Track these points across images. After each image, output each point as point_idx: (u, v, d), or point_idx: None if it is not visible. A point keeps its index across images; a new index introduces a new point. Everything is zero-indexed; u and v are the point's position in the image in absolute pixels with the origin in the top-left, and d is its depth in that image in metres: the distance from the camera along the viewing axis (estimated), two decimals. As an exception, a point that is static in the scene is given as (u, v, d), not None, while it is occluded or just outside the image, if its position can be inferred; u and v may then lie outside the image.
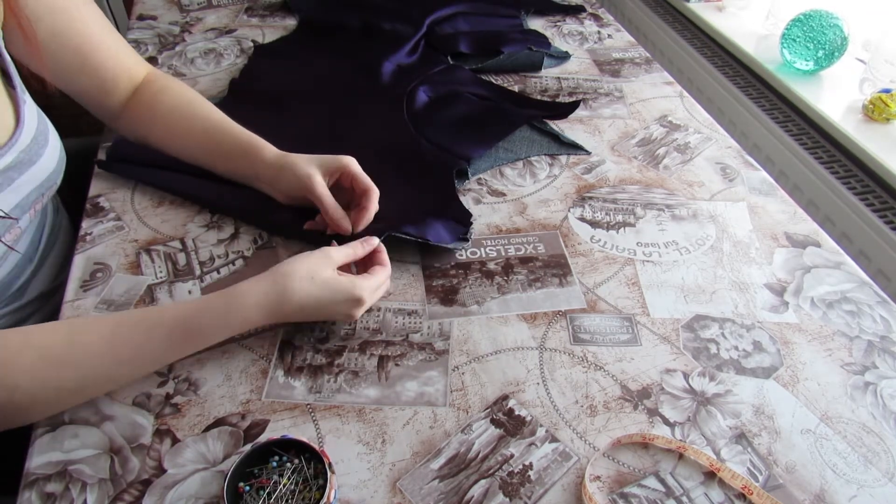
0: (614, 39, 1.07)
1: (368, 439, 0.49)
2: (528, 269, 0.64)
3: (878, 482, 0.47)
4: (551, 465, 0.48)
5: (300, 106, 0.85)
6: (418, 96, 0.86)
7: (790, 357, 0.56)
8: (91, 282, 0.61)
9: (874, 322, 0.60)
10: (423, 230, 0.64)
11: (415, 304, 0.60)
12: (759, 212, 0.72)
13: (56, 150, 0.64)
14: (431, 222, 0.65)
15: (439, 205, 0.70)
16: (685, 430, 0.50)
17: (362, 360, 0.55)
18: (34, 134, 0.61)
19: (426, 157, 0.76)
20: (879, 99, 1.04)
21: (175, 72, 0.94)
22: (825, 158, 1.08)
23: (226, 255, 0.65)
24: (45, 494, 0.45)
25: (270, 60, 0.95)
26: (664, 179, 0.76)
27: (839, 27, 1.10)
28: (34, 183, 0.61)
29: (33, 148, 0.60)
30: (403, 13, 1.06)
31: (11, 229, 0.60)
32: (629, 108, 0.89)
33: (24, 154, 0.59)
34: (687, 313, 0.60)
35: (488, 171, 0.77)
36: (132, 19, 1.11)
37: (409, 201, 0.69)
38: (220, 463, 0.47)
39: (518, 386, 0.53)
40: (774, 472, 0.48)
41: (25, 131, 0.60)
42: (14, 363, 0.45)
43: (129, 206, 0.70)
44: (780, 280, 0.64)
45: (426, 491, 0.46)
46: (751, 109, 1.22)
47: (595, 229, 0.69)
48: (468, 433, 0.50)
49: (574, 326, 0.58)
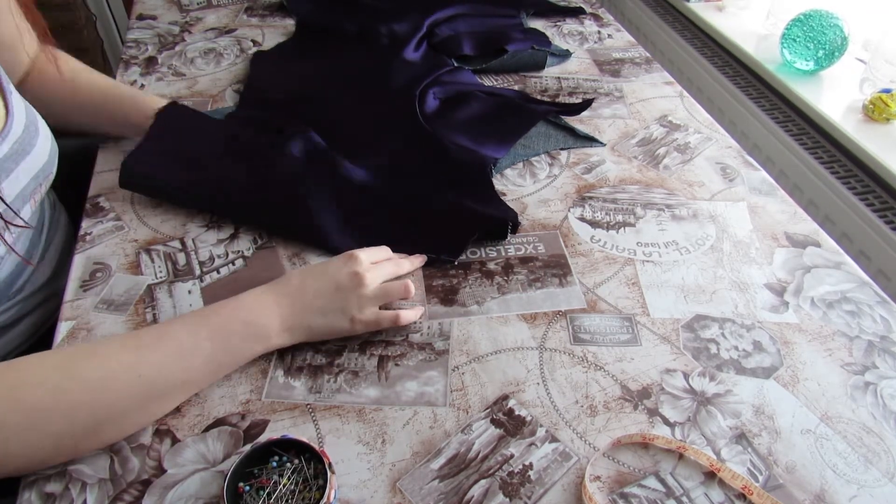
0: (614, 39, 1.07)
1: (368, 439, 0.49)
2: (528, 269, 0.64)
3: (878, 482, 0.47)
4: (551, 465, 0.48)
5: (311, 114, 0.83)
6: (428, 100, 0.85)
7: (790, 357, 0.56)
8: (91, 282, 0.61)
9: (874, 322, 0.60)
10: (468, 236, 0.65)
11: (415, 304, 0.60)
12: (759, 212, 0.72)
13: (48, 140, 0.64)
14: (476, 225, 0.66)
15: (480, 206, 0.69)
16: (685, 430, 0.50)
17: (362, 360, 0.55)
18: (25, 123, 0.60)
19: (453, 158, 0.75)
20: (879, 99, 1.04)
21: (175, 72, 0.94)
22: (825, 158, 1.08)
23: (226, 255, 0.65)
24: (45, 494, 0.45)
25: (272, 67, 0.94)
26: (664, 179, 0.76)
27: (839, 27, 1.10)
28: (31, 173, 0.61)
29: (25, 138, 0.60)
30: (402, 15, 1.06)
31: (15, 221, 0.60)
32: (629, 108, 0.89)
33: (17, 145, 0.59)
34: (687, 313, 0.60)
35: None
36: (132, 19, 1.11)
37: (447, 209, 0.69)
38: (220, 463, 0.47)
39: (518, 386, 0.53)
40: (774, 472, 0.48)
41: (16, 122, 0.59)
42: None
43: (129, 206, 0.70)
44: (780, 280, 0.64)
45: (426, 491, 0.46)
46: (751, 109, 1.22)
47: (595, 229, 0.69)
48: (468, 433, 0.50)
49: (574, 326, 0.58)
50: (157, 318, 0.58)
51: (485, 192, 0.72)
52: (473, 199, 0.70)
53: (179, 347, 0.49)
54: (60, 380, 0.44)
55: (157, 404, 0.49)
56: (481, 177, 0.73)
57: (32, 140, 0.61)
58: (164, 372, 0.48)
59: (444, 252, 0.64)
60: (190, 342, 0.49)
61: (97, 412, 0.45)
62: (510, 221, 0.67)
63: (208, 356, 0.50)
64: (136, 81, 0.92)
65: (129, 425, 0.48)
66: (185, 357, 0.49)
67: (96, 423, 0.45)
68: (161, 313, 0.58)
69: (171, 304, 0.59)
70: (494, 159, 0.76)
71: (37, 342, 0.67)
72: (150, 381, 0.47)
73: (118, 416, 0.46)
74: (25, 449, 0.43)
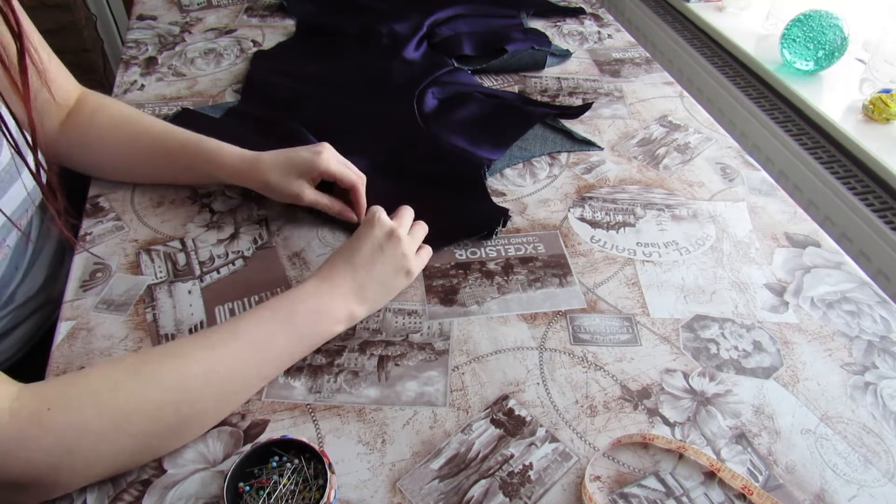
0: (614, 39, 1.07)
1: (368, 439, 0.49)
2: (528, 269, 0.64)
3: (878, 482, 0.47)
4: (551, 465, 0.48)
5: (311, 112, 0.84)
6: (427, 99, 0.86)
7: (790, 357, 0.56)
8: (91, 282, 0.61)
9: (874, 322, 0.60)
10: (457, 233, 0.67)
11: (415, 304, 0.60)
12: (759, 212, 0.72)
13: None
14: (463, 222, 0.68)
15: (470, 205, 0.71)
16: (685, 430, 0.50)
17: (362, 360, 0.55)
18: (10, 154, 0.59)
19: (448, 158, 0.76)
20: (879, 99, 1.04)
21: (175, 72, 0.94)
22: (825, 158, 1.08)
23: (226, 255, 0.65)
24: (45, 494, 0.45)
25: (273, 66, 0.95)
26: (664, 179, 0.76)
27: (839, 27, 1.10)
28: (17, 200, 0.60)
29: (12, 167, 0.59)
30: (403, 15, 1.06)
31: (0, 248, 0.60)
32: (629, 108, 0.89)
33: (4, 172, 0.58)
34: (687, 313, 0.60)
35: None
36: (132, 19, 1.11)
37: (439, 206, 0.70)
38: (220, 463, 0.47)
39: (518, 386, 0.53)
40: (774, 472, 0.48)
41: (5, 148, 0.58)
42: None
43: (129, 206, 0.70)
44: (780, 280, 0.64)
45: (426, 491, 0.46)
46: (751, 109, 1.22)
47: (595, 229, 0.69)
48: (468, 433, 0.50)
49: (574, 326, 0.58)
50: (156, 319, 0.58)
51: (476, 192, 0.72)
52: (464, 197, 0.71)
53: (252, 342, 0.50)
54: (140, 382, 0.45)
55: (236, 397, 0.50)
56: (474, 177, 0.73)
57: (20, 169, 0.60)
58: (240, 367, 0.49)
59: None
60: (262, 337, 0.51)
61: (180, 411, 0.46)
62: (501, 217, 0.68)
63: (282, 348, 0.52)
64: (136, 81, 0.92)
65: (210, 420, 0.49)
66: (259, 351, 0.51)
67: (179, 422, 0.46)
68: (161, 313, 0.58)
69: (171, 304, 0.59)
70: (489, 161, 0.76)
71: (31, 351, 0.67)
72: (227, 377, 0.49)
73: (200, 414, 0.48)
74: (112, 452, 0.44)
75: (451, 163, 0.75)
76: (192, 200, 0.71)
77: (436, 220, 0.66)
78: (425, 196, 0.70)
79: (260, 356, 0.51)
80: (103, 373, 0.45)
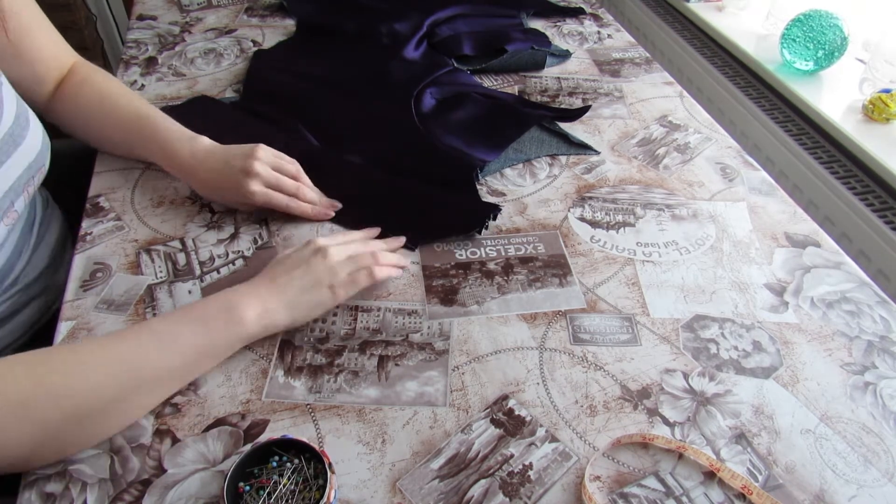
0: (614, 39, 1.07)
1: (368, 439, 0.49)
2: (528, 269, 0.64)
3: (877, 482, 0.47)
4: (551, 465, 0.48)
5: (310, 110, 0.85)
6: (425, 99, 0.86)
7: (790, 357, 0.56)
8: (91, 282, 0.61)
9: (874, 322, 0.60)
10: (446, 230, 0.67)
11: (415, 304, 0.60)
12: (759, 212, 0.72)
13: (39, 130, 0.64)
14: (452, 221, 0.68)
15: (460, 203, 0.71)
16: (685, 430, 0.50)
17: (362, 360, 0.55)
18: (15, 114, 0.60)
19: (442, 158, 0.76)
20: (879, 99, 1.04)
21: (175, 72, 0.94)
22: (825, 158, 1.08)
23: (226, 255, 0.65)
24: (45, 494, 0.45)
25: (273, 66, 0.95)
26: (664, 179, 0.76)
27: (839, 27, 1.10)
28: (23, 165, 0.61)
29: (16, 129, 0.60)
30: (403, 15, 1.06)
31: (9, 213, 0.60)
32: (629, 108, 0.89)
33: (8, 136, 0.59)
34: (687, 313, 0.60)
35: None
36: (132, 19, 1.11)
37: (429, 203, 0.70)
38: (220, 463, 0.47)
39: (518, 386, 0.53)
40: (774, 472, 0.48)
41: (6, 113, 0.59)
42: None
43: (129, 206, 0.70)
44: (779, 280, 0.64)
45: (426, 491, 0.46)
46: (751, 109, 1.22)
47: (595, 229, 0.69)
48: (468, 433, 0.50)
49: (574, 326, 0.58)
50: (157, 318, 0.58)
51: (466, 191, 0.72)
52: (453, 196, 0.72)
53: (156, 333, 0.50)
54: (39, 370, 0.45)
55: (143, 395, 0.49)
56: (465, 178, 0.73)
57: (23, 131, 0.61)
58: (142, 357, 0.49)
59: (409, 239, 0.66)
60: (167, 329, 0.51)
61: (78, 398, 0.45)
62: (491, 212, 0.68)
63: (187, 342, 0.51)
64: (136, 81, 0.92)
65: (116, 417, 0.48)
66: (163, 342, 0.50)
67: (79, 410, 0.45)
68: (161, 313, 0.58)
69: (172, 305, 0.59)
70: (483, 162, 0.76)
71: (33, 337, 0.67)
72: (129, 367, 0.48)
73: (103, 405, 0.46)
74: (12, 440, 0.43)
75: (445, 163, 0.76)
76: (192, 200, 0.71)
77: (425, 217, 0.66)
78: (416, 194, 0.71)
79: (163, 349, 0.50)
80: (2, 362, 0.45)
